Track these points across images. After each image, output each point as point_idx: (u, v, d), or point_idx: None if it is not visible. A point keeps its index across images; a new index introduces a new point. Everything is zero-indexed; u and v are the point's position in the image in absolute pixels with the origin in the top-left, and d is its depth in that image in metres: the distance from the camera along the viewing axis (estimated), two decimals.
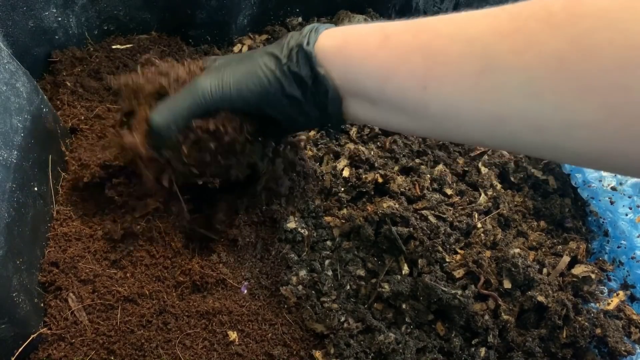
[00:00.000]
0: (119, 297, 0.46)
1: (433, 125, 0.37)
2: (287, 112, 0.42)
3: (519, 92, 0.30)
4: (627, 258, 0.57)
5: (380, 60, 0.37)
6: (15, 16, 0.57)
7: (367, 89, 0.38)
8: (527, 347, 0.49)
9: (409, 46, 0.35)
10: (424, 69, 0.34)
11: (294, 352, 0.48)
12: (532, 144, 0.32)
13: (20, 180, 0.44)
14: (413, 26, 0.36)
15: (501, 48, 0.31)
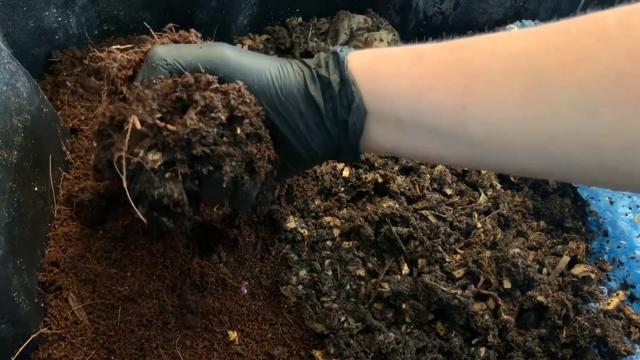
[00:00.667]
0: (119, 296, 0.46)
1: (470, 149, 0.34)
2: (301, 124, 0.38)
3: (572, 109, 0.28)
4: (626, 258, 0.57)
5: (414, 77, 0.34)
6: (16, 16, 0.57)
7: (397, 108, 0.35)
8: (527, 346, 0.49)
9: (445, 63, 0.33)
10: (463, 87, 0.32)
11: (294, 352, 0.48)
12: (586, 166, 0.30)
13: (21, 180, 0.44)
14: (448, 45, 0.34)
15: (550, 64, 0.29)
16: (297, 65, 0.38)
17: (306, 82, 0.37)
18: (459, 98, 0.32)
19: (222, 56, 0.37)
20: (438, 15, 0.84)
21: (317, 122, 0.38)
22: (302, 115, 0.38)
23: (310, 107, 0.37)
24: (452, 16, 0.84)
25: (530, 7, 0.87)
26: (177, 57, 0.37)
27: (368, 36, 0.75)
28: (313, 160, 0.41)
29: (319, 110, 0.37)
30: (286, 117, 0.38)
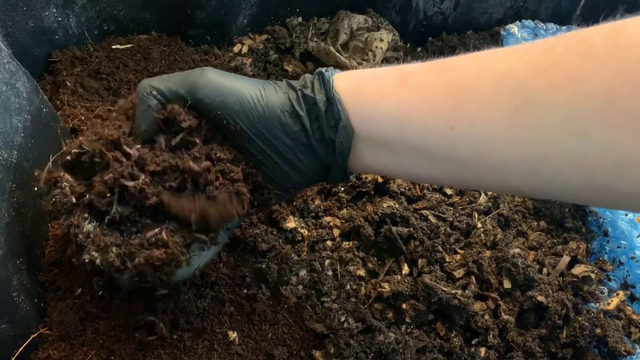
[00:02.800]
0: (120, 295, 0.46)
1: (460, 170, 0.33)
2: (287, 145, 0.37)
3: (562, 129, 0.28)
4: (627, 258, 0.57)
5: (400, 99, 0.34)
6: (15, 16, 0.57)
7: (384, 130, 0.35)
8: (527, 347, 0.49)
9: (432, 84, 0.33)
10: (450, 108, 0.32)
11: (294, 352, 0.48)
12: (578, 186, 0.29)
13: (21, 180, 0.44)
14: (433, 65, 0.34)
15: (538, 83, 0.29)
16: (281, 86, 0.38)
17: (292, 103, 0.37)
18: (447, 119, 0.32)
19: (203, 77, 0.37)
20: (438, 15, 0.84)
21: (304, 143, 0.37)
22: (288, 136, 0.37)
23: (296, 127, 0.37)
24: (452, 16, 0.84)
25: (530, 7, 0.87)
26: (159, 85, 0.37)
27: (368, 36, 0.75)
28: (302, 182, 0.40)
29: (305, 131, 0.37)
30: (270, 139, 0.37)
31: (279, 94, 0.37)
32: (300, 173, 0.39)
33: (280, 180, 0.39)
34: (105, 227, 0.37)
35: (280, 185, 0.40)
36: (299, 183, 0.40)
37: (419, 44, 0.84)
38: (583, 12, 0.89)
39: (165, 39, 0.70)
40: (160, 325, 0.44)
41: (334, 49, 0.73)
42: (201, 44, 0.72)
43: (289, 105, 0.37)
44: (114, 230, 0.37)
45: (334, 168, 0.38)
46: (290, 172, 0.38)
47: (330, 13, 0.79)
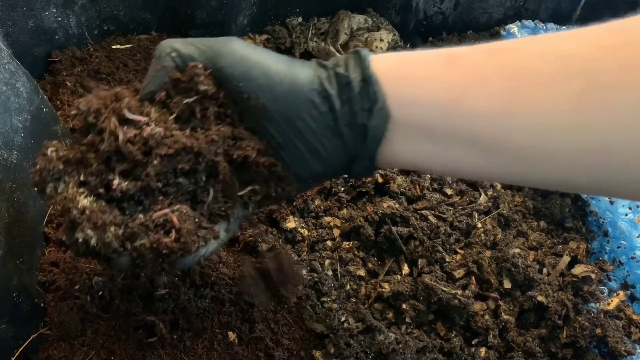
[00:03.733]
0: (119, 296, 0.46)
1: (511, 161, 0.30)
2: (311, 127, 0.33)
3: (634, 115, 0.26)
4: (627, 258, 0.57)
5: (449, 81, 0.31)
6: (15, 16, 0.57)
7: (428, 115, 0.31)
8: (527, 347, 0.49)
9: (485, 66, 0.30)
10: (507, 91, 0.29)
11: (294, 352, 0.48)
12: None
13: (20, 180, 0.44)
14: (485, 47, 0.31)
15: (608, 64, 0.26)
16: (311, 64, 0.35)
17: (321, 81, 0.33)
18: (503, 104, 0.29)
19: (228, 45, 0.34)
20: (438, 15, 0.84)
21: (331, 126, 0.33)
22: (313, 118, 0.33)
23: (323, 108, 0.33)
24: (452, 16, 0.84)
25: (530, 7, 0.87)
26: (180, 47, 0.34)
27: (368, 36, 0.75)
28: (322, 172, 0.36)
29: (334, 113, 0.33)
30: (293, 119, 0.33)
31: (308, 71, 0.34)
32: (322, 161, 0.35)
33: (298, 168, 0.35)
34: (103, 203, 0.32)
35: (297, 175, 0.36)
36: (319, 174, 0.36)
37: (419, 44, 0.84)
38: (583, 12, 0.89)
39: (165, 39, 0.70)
40: (160, 326, 0.44)
41: (334, 49, 0.73)
42: None
43: (318, 83, 0.33)
44: (113, 208, 0.32)
45: (361, 158, 0.34)
46: (311, 160, 0.34)
47: (330, 13, 0.79)
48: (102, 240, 0.31)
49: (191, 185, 0.34)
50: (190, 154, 0.33)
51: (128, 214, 0.32)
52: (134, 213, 0.32)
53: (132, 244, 0.31)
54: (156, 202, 0.32)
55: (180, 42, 0.34)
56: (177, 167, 0.33)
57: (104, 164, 0.32)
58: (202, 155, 0.33)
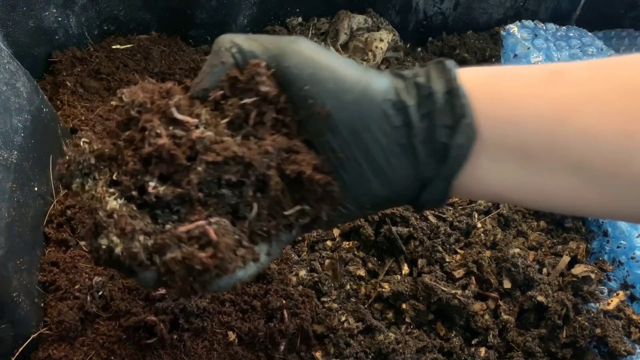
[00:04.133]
0: (119, 296, 0.46)
1: (628, 192, 0.26)
2: (380, 143, 0.29)
3: None
4: (626, 258, 0.57)
5: (552, 98, 0.27)
6: (15, 16, 0.57)
7: (526, 135, 0.27)
8: (527, 346, 0.49)
9: (596, 81, 0.27)
10: (625, 110, 0.25)
11: (294, 352, 0.48)
12: None
13: (21, 180, 0.44)
14: (594, 63, 0.28)
15: None
16: (386, 73, 0.31)
17: (398, 91, 0.29)
18: (620, 124, 0.25)
19: (295, 44, 0.30)
20: (438, 15, 0.84)
21: (403, 144, 0.29)
22: (384, 132, 0.29)
23: (397, 122, 0.29)
24: (452, 16, 0.84)
25: (530, 7, 0.87)
26: (242, 43, 0.30)
27: (368, 36, 0.75)
28: (384, 197, 0.31)
29: (409, 128, 0.29)
30: (360, 132, 0.29)
31: (383, 79, 0.30)
32: (386, 184, 0.30)
33: (358, 190, 0.31)
34: (134, 208, 0.28)
35: (355, 199, 0.31)
36: (380, 199, 0.31)
37: (419, 44, 0.84)
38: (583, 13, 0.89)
39: (165, 39, 0.70)
40: (160, 326, 0.44)
41: (334, 49, 0.73)
42: (201, 44, 0.72)
43: (394, 93, 0.29)
44: (145, 214, 0.29)
45: (435, 183, 0.30)
46: (374, 181, 0.30)
47: (330, 13, 0.79)
48: (129, 249, 0.27)
49: (234, 198, 0.30)
50: (240, 165, 0.29)
51: (160, 223, 0.29)
52: (167, 222, 0.29)
53: (161, 257, 0.28)
54: (193, 212, 0.29)
55: (243, 37, 0.31)
56: (223, 177, 0.29)
57: (141, 164, 0.29)
58: (253, 167, 0.29)
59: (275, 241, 0.32)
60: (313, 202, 0.31)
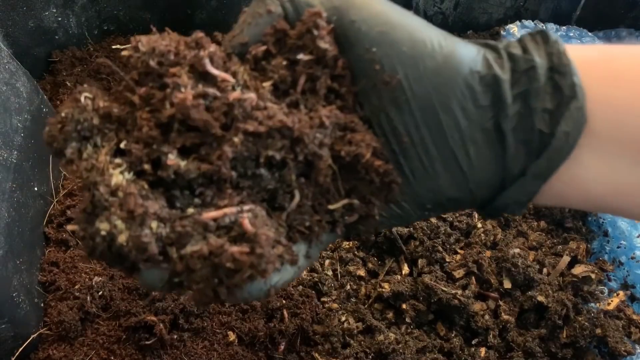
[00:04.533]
0: (119, 296, 0.46)
1: None
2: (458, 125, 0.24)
3: None
4: (626, 258, 0.57)
5: None
6: (15, 16, 0.57)
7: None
8: (527, 347, 0.49)
9: None
10: None
11: (294, 352, 0.48)
12: None
13: (21, 180, 0.44)
14: None
15: None
16: (472, 42, 0.25)
17: (489, 62, 0.23)
18: None
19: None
20: (438, 15, 0.84)
21: (487, 129, 0.24)
22: (466, 112, 0.23)
23: (484, 101, 0.23)
24: (452, 16, 0.84)
25: (530, 7, 0.87)
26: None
27: None
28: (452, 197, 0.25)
29: (497, 108, 0.23)
30: (437, 110, 0.23)
31: (470, 46, 0.24)
32: (459, 180, 0.24)
33: (420, 186, 0.25)
34: (146, 186, 0.22)
35: (414, 197, 0.25)
36: (446, 198, 0.25)
37: None
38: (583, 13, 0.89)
39: None
40: (160, 326, 0.44)
41: None
42: None
43: (482, 63, 0.23)
44: (159, 194, 0.22)
45: (524, 181, 0.24)
46: (443, 176, 0.24)
47: None
48: (137, 238, 0.21)
49: (273, 182, 0.24)
50: (286, 139, 0.23)
51: (179, 208, 0.22)
52: (186, 207, 0.22)
53: (178, 250, 0.22)
54: (221, 196, 0.23)
55: None
56: (264, 153, 0.23)
57: (159, 130, 0.22)
58: (303, 143, 0.23)
59: (315, 241, 0.26)
60: (365, 196, 0.25)
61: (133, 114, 0.23)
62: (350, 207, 0.25)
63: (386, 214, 0.26)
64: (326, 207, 0.25)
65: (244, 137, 0.22)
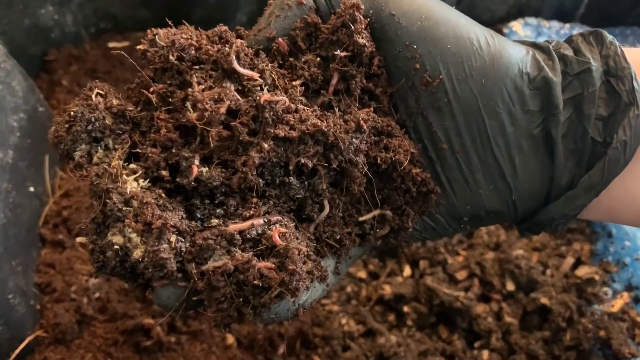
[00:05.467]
0: (116, 298, 0.46)
1: None
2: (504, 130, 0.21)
3: None
4: (631, 259, 0.57)
5: None
6: (11, 14, 0.56)
7: None
8: (530, 349, 0.49)
9: None
10: None
11: (294, 355, 0.47)
12: None
13: (16, 181, 0.43)
14: None
15: None
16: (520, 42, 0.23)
17: (539, 62, 0.21)
18: None
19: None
20: None
21: (535, 136, 0.21)
22: (513, 117, 0.21)
23: (533, 105, 0.21)
24: None
25: (533, 5, 0.86)
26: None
27: None
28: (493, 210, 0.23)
29: (549, 114, 0.21)
30: (482, 114, 0.21)
31: (518, 46, 0.22)
32: (501, 191, 0.22)
33: (459, 197, 0.23)
34: (163, 195, 0.20)
35: (451, 209, 0.23)
36: (486, 211, 0.23)
37: None
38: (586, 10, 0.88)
39: None
40: (157, 329, 0.44)
41: None
42: None
43: (532, 64, 0.21)
44: (178, 205, 0.20)
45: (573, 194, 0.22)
46: (484, 187, 0.22)
47: None
48: (154, 254, 0.19)
49: (302, 191, 0.22)
50: (320, 145, 0.21)
51: (199, 219, 0.20)
52: (207, 218, 0.20)
53: (199, 266, 0.19)
54: (246, 207, 0.21)
55: None
56: (295, 160, 0.21)
57: (179, 132, 0.20)
58: (338, 150, 0.21)
59: (344, 255, 0.24)
60: (399, 207, 0.23)
61: (149, 114, 0.21)
62: (383, 219, 0.23)
63: (419, 227, 0.24)
64: (357, 218, 0.23)
65: (273, 142, 0.20)
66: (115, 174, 0.20)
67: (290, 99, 0.21)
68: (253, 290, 0.19)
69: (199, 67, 0.21)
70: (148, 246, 0.19)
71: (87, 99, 0.21)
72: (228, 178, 0.20)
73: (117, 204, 0.19)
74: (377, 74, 0.23)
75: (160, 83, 0.21)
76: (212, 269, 0.19)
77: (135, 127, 0.21)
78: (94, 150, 0.21)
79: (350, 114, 0.22)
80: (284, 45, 0.23)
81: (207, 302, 0.20)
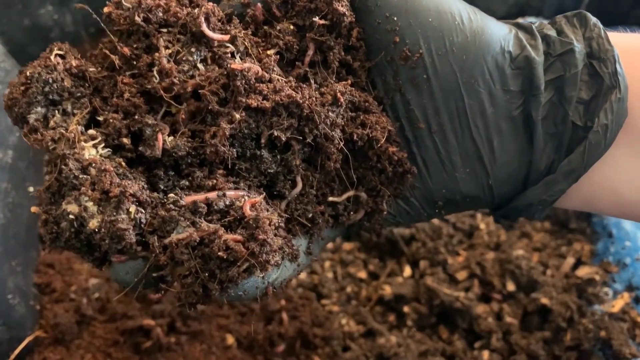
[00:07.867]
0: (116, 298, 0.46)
1: None
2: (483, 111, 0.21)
3: None
4: (631, 259, 0.57)
5: None
6: (11, 14, 0.56)
7: None
8: (530, 350, 0.49)
9: None
10: None
11: (294, 355, 0.47)
12: None
13: (16, 181, 0.43)
14: None
15: None
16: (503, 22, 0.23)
17: (521, 40, 0.21)
18: None
19: None
20: None
21: (514, 117, 0.21)
22: (493, 97, 0.21)
23: (514, 85, 0.21)
24: None
25: (534, 4, 0.86)
26: None
27: None
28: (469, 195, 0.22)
29: (530, 96, 0.20)
30: (462, 93, 0.21)
31: (500, 24, 0.22)
32: (478, 174, 0.22)
33: (434, 180, 0.22)
34: (124, 164, 0.19)
35: (426, 193, 0.22)
36: (461, 195, 0.22)
37: None
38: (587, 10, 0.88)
39: None
40: (157, 330, 0.43)
41: None
42: None
43: (514, 43, 0.21)
44: (139, 174, 0.20)
45: (552, 179, 0.21)
46: (461, 169, 0.22)
47: None
48: (111, 225, 0.18)
49: (274, 165, 0.21)
50: (293, 117, 0.20)
51: (162, 190, 0.19)
52: (171, 189, 0.19)
53: (161, 239, 0.18)
54: (212, 179, 0.20)
55: None
56: (267, 132, 0.20)
57: (144, 99, 0.19)
58: (313, 123, 0.20)
59: (317, 236, 0.22)
60: (374, 187, 0.22)
61: (112, 78, 0.20)
62: (357, 200, 0.22)
63: (393, 211, 0.23)
64: (330, 198, 0.22)
65: (245, 113, 0.19)
66: (72, 139, 0.18)
67: (263, 68, 0.20)
68: (219, 264, 0.18)
69: (167, 31, 0.20)
70: (105, 216, 0.18)
71: (45, 59, 0.20)
72: (195, 148, 0.19)
73: (74, 170, 0.18)
74: (356, 46, 0.22)
75: (128, 45, 0.20)
76: (176, 241, 0.18)
77: (96, 92, 0.20)
78: (50, 114, 0.19)
79: (328, 87, 0.21)
80: (260, 11, 0.21)
81: (170, 278, 0.19)
